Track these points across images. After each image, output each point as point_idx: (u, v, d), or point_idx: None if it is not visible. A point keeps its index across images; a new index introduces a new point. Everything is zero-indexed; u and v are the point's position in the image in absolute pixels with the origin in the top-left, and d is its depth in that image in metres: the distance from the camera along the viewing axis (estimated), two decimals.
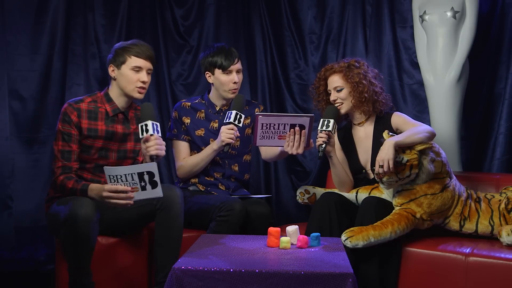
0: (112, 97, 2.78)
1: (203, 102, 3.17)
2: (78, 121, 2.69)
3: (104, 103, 2.77)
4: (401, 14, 3.70)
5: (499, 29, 3.50)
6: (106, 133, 2.74)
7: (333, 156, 2.89)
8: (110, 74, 2.77)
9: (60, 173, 2.65)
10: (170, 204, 2.64)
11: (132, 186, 2.47)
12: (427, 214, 2.68)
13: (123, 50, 2.74)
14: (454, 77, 3.28)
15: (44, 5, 3.59)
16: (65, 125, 2.68)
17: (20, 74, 3.56)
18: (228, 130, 2.86)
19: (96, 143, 2.72)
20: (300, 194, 2.97)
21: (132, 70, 2.72)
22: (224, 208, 2.80)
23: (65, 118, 2.69)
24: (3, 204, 3.49)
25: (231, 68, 3.04)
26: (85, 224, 2.43)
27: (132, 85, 2.73)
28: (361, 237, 2.50)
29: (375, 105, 2.93)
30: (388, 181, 2.61)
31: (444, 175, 2.72)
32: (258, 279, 2.03)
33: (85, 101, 2.75)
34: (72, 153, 2.68)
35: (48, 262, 3.53)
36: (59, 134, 2.68)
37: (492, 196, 2.83)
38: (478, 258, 2.50)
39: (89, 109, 2.73)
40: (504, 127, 3.44)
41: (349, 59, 2.99)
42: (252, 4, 3.95)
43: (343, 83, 2.92)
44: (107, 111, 2.76)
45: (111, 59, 2.76)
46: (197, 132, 3.11)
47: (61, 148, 2.67)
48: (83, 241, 2.45)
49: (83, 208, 2.44)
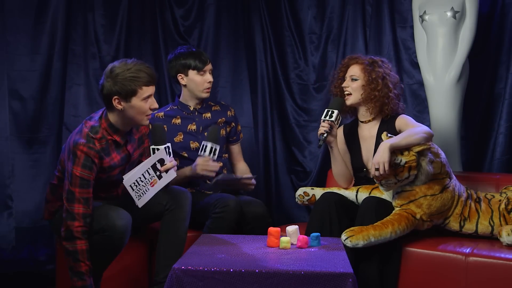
0: (117, 126, 2.57)
1: (176, 108, 3.20)
2: (99, 162, 2.53)
3: (111, 134, 2.57)
4: (401, 14, 3.70)
5: (499, 29, 3.50)
6: (122, 160, 2.64)
7: (334, 147, 2.90)
8: (114, 106, 2.51)
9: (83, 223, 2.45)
10: (179, 206, 2.68)
11: (151, 181, 2.52)
12: (427, 215, 2.68)
13: (130, 81, 2.48)
14: (454, 77, 3.28)
15: (44, 5, 3.59)
16: (85, 171, 2.47)
17: (20, 74, 3.56)
18: (204, 163, 2.92)
19: (113, 172, 2.63)
20: (299, 196, 2.97)
21: (144, 100, 2.52)
22: (219, 205, 2.82)
23: (86, 164, 2.47)
24: (3, 204, 3.49)
25: (205, 69, 3.10)
26: (122, 236, 2.49)
27: (143, 115, 2.55)
28: (361, 237, 2.50)
29: (383, 107, 2.91)
30: (386, 183, 2.61)
31: (444, 176, 2.71)
32: (258, 279, 2.03)
33: (96, 139, 2.52)
34: (90, 199, 2.51)
35: (48, 262, 3.53)
36: (76, 179, 2.46)
37: (492, 196, 2.83)
38: (478, 258, 2.50)
39: (102, 147, 2.54)
40: (504, 127, 3.43)
41: (378, 57, 2.99)
42: (252, 4, 3.95)
43: (360, 74, 2.92)
44: (116, 141, 2.59)
45: (114, 88, 2.48)
46: (175, 138, 3.12)
47: (80, 195, 2.47)
48: (116, 251, 2.53)
49: (122, 220, 2.49)
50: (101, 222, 2.48)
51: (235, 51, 3.94)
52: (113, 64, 2.55)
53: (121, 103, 2.50)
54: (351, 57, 3.03)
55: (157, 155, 2.57)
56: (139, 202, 2.56)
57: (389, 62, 3.04)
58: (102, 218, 2.49)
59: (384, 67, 2.94)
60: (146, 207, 2.64)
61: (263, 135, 3.96)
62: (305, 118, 3.95)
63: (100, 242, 2.49)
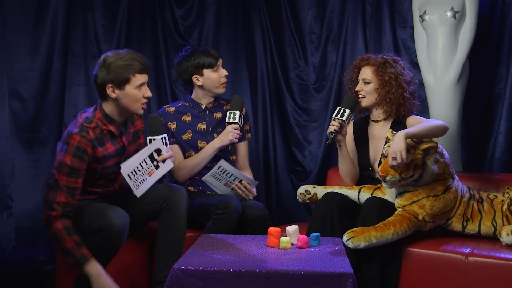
0: (112, 116, 2.59)
1: (187, 104, 3.18)
2: (92, 152, 2.53)
3: (106, 124, 2.59)
4: (401, 14, 3.70)
5: (499, 29, 3.50)
6: (116, 152, 2.65)
7: (342, 146, 2.88)
8: (108, 95, 2.54)
9: (62, 212, 2.45)
10: (176, 204, 2.66)
11: (149, 171, 2.53)
12: (430, 216, 2.67)
13: (123, 69, 2.51)
14: (454, 77, 3.28)
15: (44, 5, 3.59)
16: (75, 160, 2.47)
17: (20, 74, 3.56)
18: (235, 130, 2.98)
19: (108, 163, 2.63)
20: (300, 195, 2.96)
21: (137, 88, 2.55)
22: (221, 206, 2.80)
23: (77, 153, 2.47)
24: (3, 204, 3.49)
25: (218, 63, 3.10)
26: (120, 235, 2.47)
27: (137, 103, 2.58)
28: (363, 238, 2.49)
29: (399, 109, 2.89)
30: (391, 180, 2.59)
31: (447, 176, 2.70)
32: (258, 279, 2.03)
33: (90, 128, 2.54)
34: (77, 189, 2.51)
35: (48, 262, 3.53)
36: (65, 168, 2.46)
37: (495, 196, 2.82)
38: (478, 258, 2.50)
39: (96, 137, 2.55)
40: (504, 127, 3.44)
41: (389, 56, 2.95)
42: (252, 4, 3.95)
43: (373, 77, 2.90)
44: (111, 132, 2.61)
45: (108, 77, 2.52)
46: (184, 136, 3.12)
47: (66, 183, 2.46)
48: (114, 250, 2.51)
49: (120, 219, 2.47)
50: (98, 221, 2.46)
51: (235, 51, 3.94)
52: (106, 54, 2.59)
53: (115, 91, 2.53)
54: (362, 58, 3.00)
55: (154, 145, 2.58)
56: (137, 192, 2.56)
57: (401, 59, 3.01)
58: (100, 217, 2.47)
59: (396, 66, 2.90)
60: (143, 206, 2.65)
61: (263, 135, 3.96)
62: (305, 118, 3.95)
63: (97, 242, 2.47)
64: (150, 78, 3.81)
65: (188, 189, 3.12)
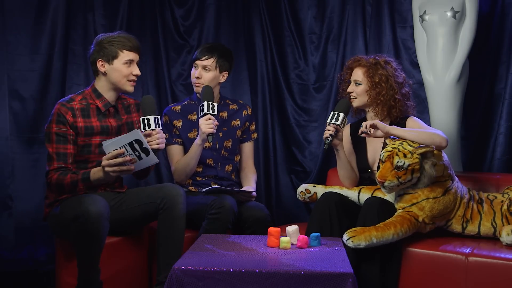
0: (101, 92, 2.78)
1: (193, 103, 3.18)
2: (73, 121, 2.67)
3: (94, 99, 2.76)
4: (401, 14, 3.70)
5: (499, 29, 3.50)
6: (102, 129, 2.74)
7: (339, 150, 2.89)
8: (99, 69, 2.75)
9: (55, 172, 2.62)
10: (174, 204, 2.67)
11: (131, 158, 2.52)
12: (429, 217, 2.67)
13: (113, 44, 2.72)
14: (454, 77, 3.28)
15: (44, 5, 3.59)
16: (60, 126, 2.66)
17: (20, 74, 3.56)
18: (205, 122, 2.87)
19: (93, 140, 2.72)
20: (300, 193, 2.96)
21: (125, 64, 2.73)
22: (215, 205, 2.80)
23: (59, 119, 2.66)
24: (3, 204, 3.49)
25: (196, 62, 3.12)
26: (97, 221, 2.45)
27: (125, 79, 2.75)
28: (363, 238, 2.49)
29: (391, 110, 2.90)
30: (389, 186, 2.60)
31: (446, 178, 2.70)
32: (258, 279, 2.04)
33: (76, 100, 2.74)
34: (68, 155, 2.65)
35: (48, 262, 3.53)
36: (53, 136, 2.65)
37: (495, 197, 2.81)
38: (478, 258, 2.50)
39: (81, 107, 2.72)
40: (504, 127, 3.44)
41: (381, 57, 2.95)
42: (252, 4, 3.95)
43: (364, 79, 2.90)
44: (98, 107, 2.75)
45: (99, 53, 2.73)
46: (190, 134, 3.12)
47: (56, 150, 2.64)
48: (94, 237, 2.47)
49: (95, 205, 2.46)
50: (75, 209, 2.47)
51: (235, 51, 3.92)
52: (100, 35, 2.83)
53: (105, 65, 2.74)
54: (354, 59, 3.00)
55: (133, 134, 2.50)
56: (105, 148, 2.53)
57: (394, 60, 3.00)
58: (77, 205, 2.48)
59: (387, 67, 2.90)
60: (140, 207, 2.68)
61: (263, 135, 3.96)
62: (305, 118, 3.95)
63: (76, 230, 2.46)
64: (150, 78, 3.88)
65: (189, 188, 3.12)
